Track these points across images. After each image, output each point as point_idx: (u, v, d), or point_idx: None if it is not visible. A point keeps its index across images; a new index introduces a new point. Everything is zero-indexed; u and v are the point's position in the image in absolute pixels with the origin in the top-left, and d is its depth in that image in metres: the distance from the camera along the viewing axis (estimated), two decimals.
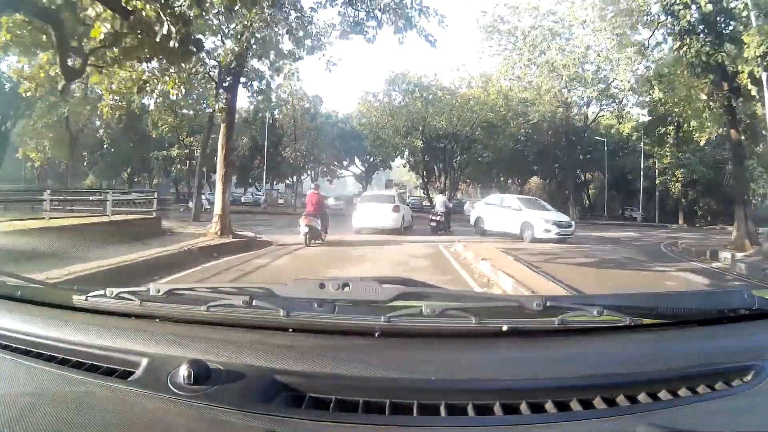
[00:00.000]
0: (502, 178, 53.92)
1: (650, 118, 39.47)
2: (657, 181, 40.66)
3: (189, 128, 45.59)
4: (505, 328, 1.29)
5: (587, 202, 55.49)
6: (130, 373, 1.21)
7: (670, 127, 39.14)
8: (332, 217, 16.38)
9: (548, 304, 1.32)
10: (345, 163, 55.82)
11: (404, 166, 54.45)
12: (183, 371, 1.10)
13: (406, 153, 49.98)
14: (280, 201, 44.18)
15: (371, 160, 53.50)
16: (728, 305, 1.55)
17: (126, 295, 1.52)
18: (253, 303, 1.39)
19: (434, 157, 42.91)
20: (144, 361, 1.23)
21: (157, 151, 46.43)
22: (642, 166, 40.07)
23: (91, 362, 1.29)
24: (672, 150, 38.55)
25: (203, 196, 52.60)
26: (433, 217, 20.09)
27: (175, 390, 1.09)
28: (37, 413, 1.08)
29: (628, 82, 28.63)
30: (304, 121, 41.31)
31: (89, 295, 1.58)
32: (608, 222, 36.93)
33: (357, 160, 56.55)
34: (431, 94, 38.91)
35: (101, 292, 1.57)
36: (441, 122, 39.38)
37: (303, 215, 14.38)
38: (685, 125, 37.17)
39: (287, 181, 48.86)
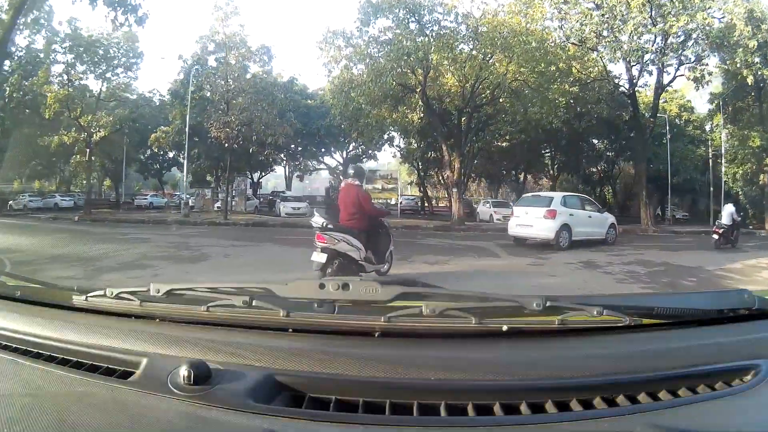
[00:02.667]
0: (517, 172, 47.55)
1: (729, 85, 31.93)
2: (738, 172, 34.29)
3: (92, 104, 36.75)
4: (505, 328, 1.35)
5: (611, 199, 50.54)
6: (130, 374, 1.27)
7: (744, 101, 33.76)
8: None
9: (548, 304, 1.37)
10: (320, 152, 47.80)
11: (394, 156, 48.81)
12: (183, 371, 1.15)
13: (397, 137, 42.21)
14: (217, 205, 37.60)
15: (349, 148, 46.17)
16: (728, 305, 1.62)
17: (126, 295, 1.60)
18: (253, 303, 1.46)
19: (437, 140, 32.14)
20: (144, 362, 1.29)
21: (48, 137, 33.55)
22: (723, 152, 33.94)
23: (91, 362, 1.35)
24: (759, 131, 31.25)
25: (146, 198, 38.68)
26: (717, 230, 18.19)
27: (175, 390, 1.15)
28: (37, 413, 1.14)
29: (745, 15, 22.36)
30: (240, 83, 29.90)
31: (89, 295, 1.66)
32: (687, 230, 30.04)
33: (332, 151, 48.58)
34: (435, 24, 26.20)
35: (101, 292, 1.65)
36: (450, 80, 28.37)
37: (318, 230, 8.24)
38: None
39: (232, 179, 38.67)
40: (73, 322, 1.54)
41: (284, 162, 50.75)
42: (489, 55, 25.31)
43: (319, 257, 7.99)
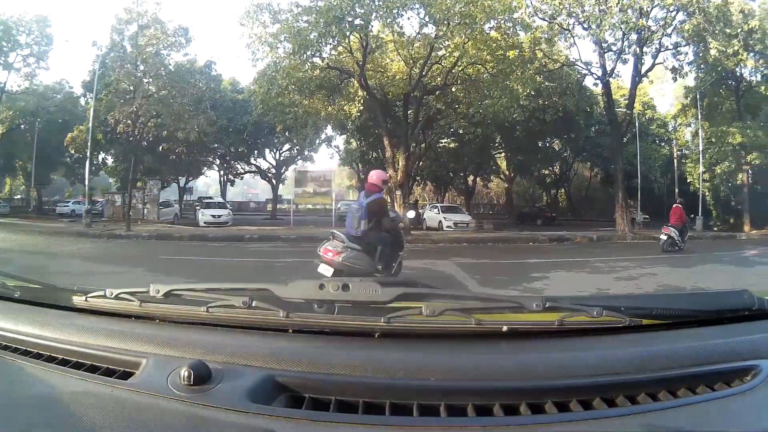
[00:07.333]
0: (466, 174, 43.19)
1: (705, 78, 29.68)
2: (716, 171, 30.92)
3: None
4: (504, 328, 1.38)
5: (565, 202, 52.01)
6: (130, 374, 1.28)
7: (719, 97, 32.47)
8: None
9: (548, 304, 1.37)
10: (253, 153, 42.54)
11: (332, 157, 39.86)
12: (183, 372, 1.16)
13: (336, 137, 38.90)
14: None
15: (282, 149, 41.53)
16: (728, 305, 1.63)
17: (125, 296, 1.62)
18: (253, 304, 1.47)
19: (379, 139, 28.18)
20: (144, 362, 1.31)
21: None
22: (701, 149, 30.85)
23: (91, 363, 1.37)
24: (739, 127, 28.93)
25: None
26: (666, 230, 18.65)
27: (175, 391, 1.16)
28: (37, 413, 1.17)
29: None
30: (148, 66, 24.82)
31: (89, 295, 1.69)
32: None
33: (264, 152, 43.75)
34: None
35: (101, 292, 1.68)
36: (396, 66, 24.96)
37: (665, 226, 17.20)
38: (761, 87, 28.88)
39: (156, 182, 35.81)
40: (73, 323, 1.57)
41: (217, 165, 46.85)
42: (443, 29, 20.61)
43: (664, 237, 17.01)
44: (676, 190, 34.20)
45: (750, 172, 30.35)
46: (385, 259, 7.90)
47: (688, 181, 32.87)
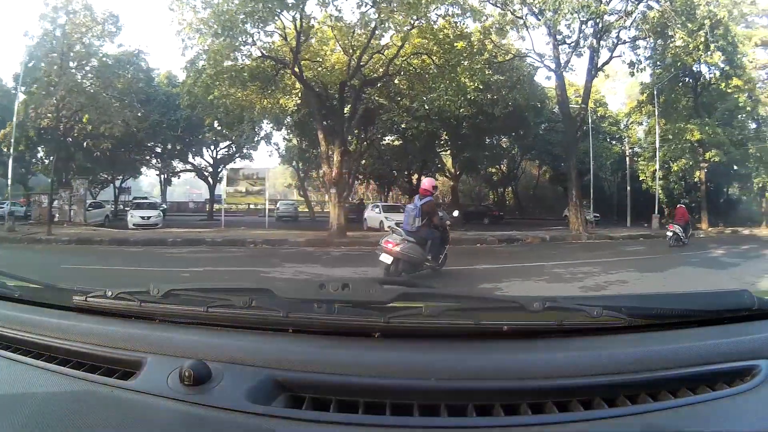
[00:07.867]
0: (410, 173, 41.50)
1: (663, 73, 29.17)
2: (672, 169, 30.38)
3: None
4: (505, 328, 1.38)
5: (512, 200, 51.67)
6: (131, 374, 1.27)
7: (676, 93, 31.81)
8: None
9: (548, 304, 1.40)
10: (192, 150, 40.57)
11: (270, 155, 39.22)
12: (183, 372, 1.15)
13: (275, 134, 36.45)
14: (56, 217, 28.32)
15: (219, 146, 39.78)
16: (728, 305, 1.62)
17: (125, 296, 1.61)
18: (253, 303, 1.47)
19: (316, 137, 24.21)
20: (144, 362, 1.30)
21: None
22: (658, 145, 30.28)
23: (91, 363, 1.36)
24: (698, 123, 28.61)
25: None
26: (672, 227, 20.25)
27: (175, 390, 1.15)
28: (37, 413, 1.15)
29: None
30: (75, 55, 23.65)
31: (89, 295, 1.68)
32: (621, 234, 24.97)
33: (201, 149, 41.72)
34: None
35: (101, 292, 1.67)
36: (335, 57, 22.84)
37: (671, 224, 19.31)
38: (722, 84, 28.69)
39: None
40: (73, 322, 1.56)
41: (153, 164, 44.56)
42: (385, 11, 18.28)
43: (669, 234, 17.95)
44: (628, 188, 34.27)
45: (707, 170, 30.16)
46: (435, 251, 9.32)
47: (640, 179, 32.72)
